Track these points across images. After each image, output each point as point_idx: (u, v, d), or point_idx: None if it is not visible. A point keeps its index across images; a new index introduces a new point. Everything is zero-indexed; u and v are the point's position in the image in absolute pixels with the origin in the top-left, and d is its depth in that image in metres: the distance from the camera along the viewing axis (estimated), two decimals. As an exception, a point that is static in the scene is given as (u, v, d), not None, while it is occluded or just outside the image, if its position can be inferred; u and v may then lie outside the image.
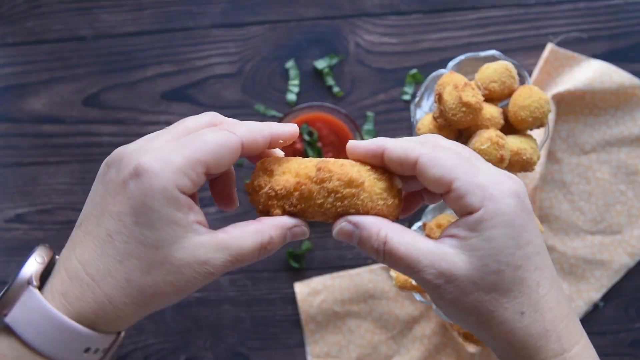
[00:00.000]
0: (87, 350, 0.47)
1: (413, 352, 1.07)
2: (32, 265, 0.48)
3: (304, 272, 1.09)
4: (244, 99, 1.11)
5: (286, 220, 0.52)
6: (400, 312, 1.07)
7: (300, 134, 1.07)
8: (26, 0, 1.14)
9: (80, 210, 0.50)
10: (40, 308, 0.46)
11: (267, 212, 0.54)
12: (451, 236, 0.48)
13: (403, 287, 0.91)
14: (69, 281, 0.47)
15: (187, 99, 1.12)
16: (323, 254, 1.09)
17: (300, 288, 1.08)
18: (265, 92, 1.11)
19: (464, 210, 0.47)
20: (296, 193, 0.52)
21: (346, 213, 0.52)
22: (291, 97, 1.10)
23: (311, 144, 1.06)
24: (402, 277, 0.91)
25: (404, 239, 0.48)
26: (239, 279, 1.10)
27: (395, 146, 0.50)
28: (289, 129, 0.54)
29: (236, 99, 1.11)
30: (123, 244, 0.46)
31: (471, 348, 1.04)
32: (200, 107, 1.11)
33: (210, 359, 1.09)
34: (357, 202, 0.51)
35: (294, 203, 0.52)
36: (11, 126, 1.13)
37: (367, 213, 0.51)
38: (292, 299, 1.09)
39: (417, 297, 0.96)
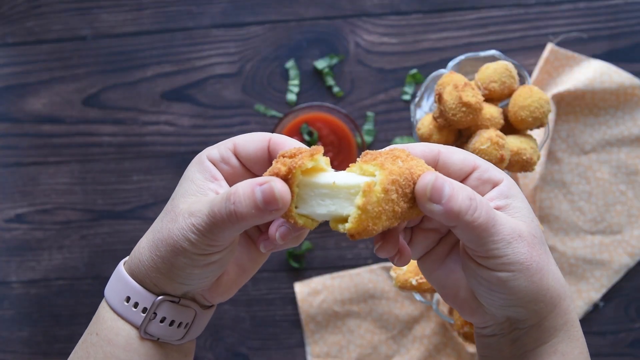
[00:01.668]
0: (128, 299, 0.55)
1: (413, 352, 1.07)
2: None
3: (304, 272, 1.09)
4: (244, 99, 1.11)
5: (257, 178, 0.50)
6: (400, 312, 1.07)
7: (300, 133, 1.07)
8: (26, 0, 1.14)
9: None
10: (118, 267, 0.58)
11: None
12: None
13: (403, 287, 0.91)
14: None
15: (187, 99, 1.12)
16: (323, 254, 1.09)
17: (300, 288, 1.08)
18: (265, 92, 1.11)
19: (491, 183, 0.54)
20: (305, 153, 0.50)
21: (411, 173, 0.50)
22: (291, 97, 1.10)
23: (311, 144, 1.06)
24: (402, 277, 0.91)
25: None
26: (239, 279, 1.10)
27: (416, 144, 0.56)
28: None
29: (236, 99, 1.11)
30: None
31: (471, 348, 1.04)
32: (200, 107, 1.11)
33: (210, 359, 1.09)
34: (414, 164, 0.51)
35: (300, 161, 0.49)
36: (11, 126, 1.13)
37: None
38: (292, 299, 1.09)
39: (417, 297, 0.96)
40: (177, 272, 0.53)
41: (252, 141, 0.55)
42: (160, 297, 0.55)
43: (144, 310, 0.55)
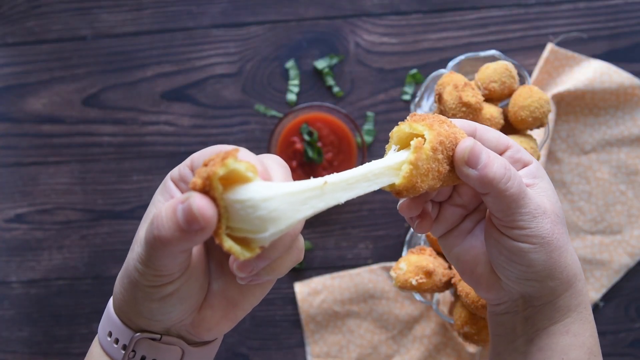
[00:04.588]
0: (110, 334, 0.52)
1: (413, 352, 1.07)
2: None
3: (304, 272, 1.09)
4: (244, 99, 1.11)
5: (181, 195, 0.46)
6: (400, 312, 1.07)
7: (300, 133, 1.07)
8: (26, 0, 1.14)
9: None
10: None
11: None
12: None
13: (403, 287, 0.91)
14: None
15: (187, 99, 1.12)
16: (323, 254, 1.09)
17: (300, 288, 1.08)
18: (265, 92, 1.11)
19: (521, 163, 0.56)
20: (216, 158, 0.44)
21: (455, 137, 0.52)
22: (291, 97, 1.10)
23: (311, 144, 1.06)
24: (402, 277, 0.91)
25: None
26: (239, 279, 1.10)
27: (455, 119, 0.57)
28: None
29: (236, 99, 1.11)
30: None
31: (471, 348, 1.04)
32: (200, 107, 1.11)
33: (210, 359, 1.09)
34: (457, 130, 0.53)
35: (210, 169, 0.43)
36: (11, 126, 1.13)
37: None
38: (292, 299, 1.09)
39: (417, 297, 0.96)
40: (139, 307, 0.49)
41: (203, 156, 0.49)
42: (138, 335, 0.50)
43: (124, 347, 0.51)
